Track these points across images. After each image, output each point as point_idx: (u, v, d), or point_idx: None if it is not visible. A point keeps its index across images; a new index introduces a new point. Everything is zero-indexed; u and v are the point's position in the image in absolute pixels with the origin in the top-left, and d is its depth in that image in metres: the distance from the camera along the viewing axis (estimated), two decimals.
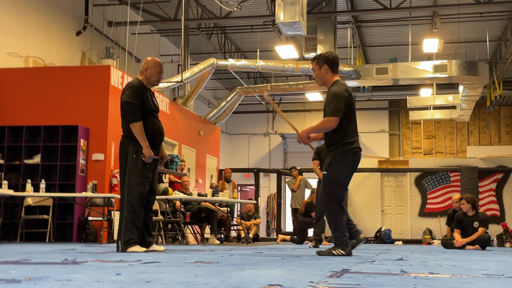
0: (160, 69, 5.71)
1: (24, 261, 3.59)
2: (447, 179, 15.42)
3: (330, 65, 5.30)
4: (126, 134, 5.52)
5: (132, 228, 5.34)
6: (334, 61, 5.33)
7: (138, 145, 5.42)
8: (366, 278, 2.54)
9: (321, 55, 5.40)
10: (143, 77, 5.67)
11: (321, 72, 5.32)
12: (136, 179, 5.39)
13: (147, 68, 5.67)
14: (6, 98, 10.87)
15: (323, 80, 5.34)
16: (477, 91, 15.04)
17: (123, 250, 5.30)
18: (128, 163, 5.42)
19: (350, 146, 5.07)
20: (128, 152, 5.44)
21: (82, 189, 10.28)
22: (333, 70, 5.31)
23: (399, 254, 6.03)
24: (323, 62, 5.31)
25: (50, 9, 12.51)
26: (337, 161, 5.08)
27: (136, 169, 5.40)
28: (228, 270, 2.87)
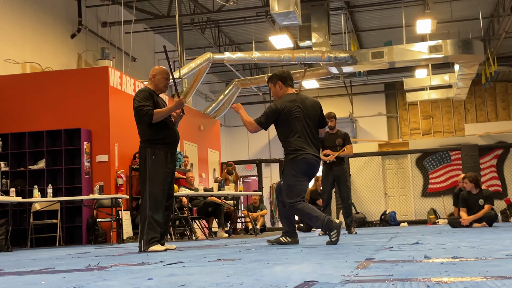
0: (167, 75, 5.87)
1: (48, 269, 3.63)
2: (448, 158, 15.50)
3: (283, 81, 5.72)
4: (143, 139, 5.68)
5: (154, 227, 5.49)
6: (286, 77, 5.77)
7: (156, 148, 5.58)
8: (394, 267, 2.59)
9: (274, 74, 5.85)
10: (152, 84, 5.83)
11: (276, 89, 5.76)
12: (156, 180, 5.54)
13: (154, 75, 5.82)
14: (7, 105, 10.89)
15: (278, 96, 5.76)
16: (473, 69, 15.09)
17: (145, 249, 5.44)
18: (147, 165, 5.56)
19: (294, 155, 5.49)
20: (146, 155, 5.59)
21: (88, 191, 10.33)
22: (286, 85, 5.73)
23: (411, 237, 6.10)
24: (276, 79, 5.75)
25: (44, 13, 12.49)
26: (286, 169, 5.57)
27: (156, 171, 5.55)
28: (256, 267, 2.92)
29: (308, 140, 5.53)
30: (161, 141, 5.63)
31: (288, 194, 5.46)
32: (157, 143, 5.61)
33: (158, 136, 5.62)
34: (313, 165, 5.53)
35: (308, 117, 5.58)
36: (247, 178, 22.64)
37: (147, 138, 5.63)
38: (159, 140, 5.63)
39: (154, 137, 5.61)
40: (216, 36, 17.24)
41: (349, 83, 21.62)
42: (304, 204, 5.41)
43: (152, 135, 5.61)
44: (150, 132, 5.61)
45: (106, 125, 10.63)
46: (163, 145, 5.64)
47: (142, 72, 15.92)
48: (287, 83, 5.72)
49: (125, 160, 11.05)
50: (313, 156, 5.52)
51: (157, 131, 5.62)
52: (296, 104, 5.56)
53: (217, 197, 11.17)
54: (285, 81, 5.72)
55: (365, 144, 18.67)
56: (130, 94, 11.48)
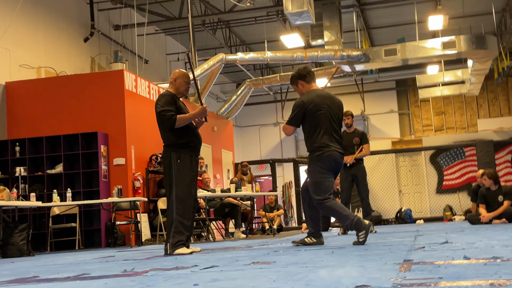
0: (188, 79, 5.89)
1: (85, 275, 3.65)
2: (462, 154, 15.45)
3: (303, 78, 5.73)
4: (167, 143, 5.70)
5: (180, 231, 5.52)
6: (306, 74, 5.75)
7: (180, 152, 5.61)
8: (438, 269, 2.60)
9: (293, 76, 5.82)
10: (173, 88, 5.85)
11: (299, 88, 5.77)
12: (183, 183, 5.57)
13: (175, 78, 5.84)
14: (24, 110, 10.96)
15: (304, 94, 5.74)
16: (486, 64, 15.03)
17: (171, 252, 5.46)
18: (173, 169, 5.59)
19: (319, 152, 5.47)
20: (171, 159, 5.62)
21: (106, 194, 10.38)
22: (307, 81, 5.73)
23: (436, 235, 6.09)
24: (297, 79, 5.76)
25: (57, 18, 12.55)
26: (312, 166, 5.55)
27: (182, 174, 5.58)
28: (297, 271, 2.93)
29: (332, 137, 5.51)
30: (185, 145, 5.66)
31: (316, 191, 5.44)
32: (181, 147, 5.64)
33: (182, 140, 5.65)
34: (338, 161, 5.53)
35: (334, 114, 5.56)
36: (260, 178, 22.64)
37: (172, 143, 5.65)
38: (183, 144, 5.65)
39: (178, 141, 5.64)
40: (227, 37, 17.26)
41: (360, 81, 21.58)
42: (334, 202, 5.41)
43: (176, 139, 5.64)
44: (174, 136, 5.64)
45: (123, 128, 10.67)
46: (187, 149, 5.67)
47: (155, 74, 15.97)
48: (307, 80, 5.71)
49: (141, 163, 11.09)
50: (338, 152, 5.51)
51: (181, 135, 5.65)
52: (323, 100, 5.54)
53: (233, 198, 11.19)
54: (305, 78, 5.71)
55: (378, 141, 18.61)
56: (145, 97, 11.52)
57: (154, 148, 11.46)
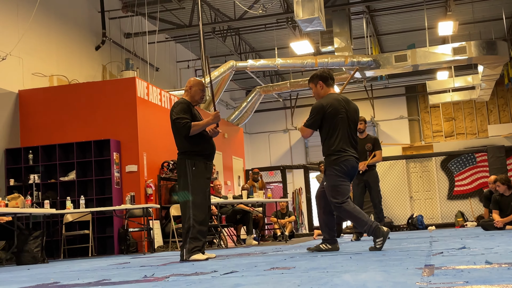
0: (203, 87, 5.94)
1: (106, 281, 3.68)
2: (473, 160, 15.39)
3: (324, 81, 5.72)
4: (182, 151, 5.74)
5: (197, 237, 5.55)
6: (327, 76, 5.76)
7: (195, 159, 5.66)
8: (462, 273, 2.60)
9: (314, 74, 5.81)
10: (188, 96, 5.88)
11: (317, 89, 5.75)
12: (198, 190, 5.62)
13: (191, 86, 5.88)
14: (36, 118, 11.03)
15: (319, 96, 5.76)
16: (497, 70, 15.01)
17: (187, 258, 5.49)
18: (188, 177, 5.62)
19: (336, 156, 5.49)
20: (186, 166, 5.65)
21: (119, 201, 10.42)
22: (327, 85, 5.73)
23: (451, 241, 6.08)
24: (317, 79, 5.74)
25: (69, 27, 12.65)
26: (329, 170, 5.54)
27: (197, 181, 5.62)
28: (320, 276, 2.94)
29: (349, 142, 5.54)
30: (200, 153, 5.70)
31: (334, 194, 5.44)
32: (196, 155, 5.68)
33: (197, 148, 5.68)
34: (354, 167, 5.55)
35: (351, 119, 5.59)
36: (270, 185, 22.65)
37: (187, 150, 5.68)
38: (198, 152, 5.69)
39: (193, 149, 5.68)
40: (237, 44, 17.32)
41: (369, 87, 21.59)
42: (353, 205, 5.43)
43: (191, 147, 5.67)
44: (189, 144, 5.67)
45: (135, 135, 10.72)
46: (201, 156, 5.71)
47: (165, 82, 16.04)
48: (328, 83, 5.71)
49: (153, 170, 11.13)
50: (354, 157, 5.54)
51: (196, 143, 5.68)
52: (341, 104, 5.56)
53: (245, 205, 11.20)
54: (326, 80, 5.71)
55: (388, 147, 18.59)
56: (157, 104, 11.57)
57: (166, 155, 11.50)
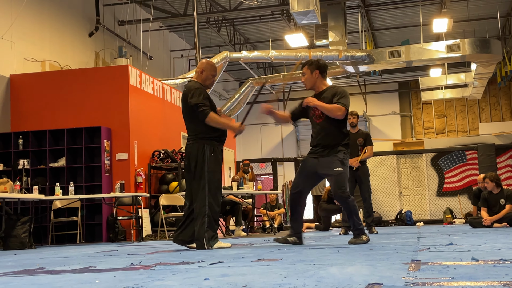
0: (215, 73, 5.80)
1: (92, 268, 3.67)
2: (463, 157, 15.44)
3: (321, 71, 5.66)
4: (199, 135, 5.58)
5: (213, 225, 5.51)
6: (325, 68, 5.73)
7: (214, 144, 5.56)
8: (448, 269, 2.61)
9: (313, 61, 5.75)
10: (199, 79, 5.72)
11: (312, 76, 5.67)
12: (215, 177, 5.55)
13: (203, 70, 5.73)
14: (27, 103, 10.97)
15: (312, 83, 5.69)
16: (490, 68, 15.05)
17: (208, 247, 5.40)
18: (206, 163, 5.51)
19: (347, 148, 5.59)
20: (205, 152, 5.52)
21: (108, 189, 10.39)
22: (323, 76, 5.70)
23: (438, 237, 6.11)
24: (315, 67, 5.66)
25: (63, 12, 12.56)
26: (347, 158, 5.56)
27: (214, 168, 5.54)
28: (307, 268, 2.95)
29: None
30: (217, 138, 5.62)
31: (345, 185, 5.46)
32: (214, 140, 5.58)
33: (215, 133, 5.58)
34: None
35: None
36: (260, 177, 22.67)
37: (205, 135, 5.55)
38: (216, 137, 5.60)
39: (212, 134, 5.57)
40: (231, 35, 17.27)
41: (363, 82, 21.60)
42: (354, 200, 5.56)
43: (210, 132, 5.56)
44: (207, 128, 5.54)
45: (126, 123, 10.69)
46: (219, 142, 5.64)
47: (158, 70, 15.98)
48: (324, 75, 5.70)
49: (144, 159, 11.11)
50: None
51: (214, 128, 5.56)
52: None
53: (234, 196, 11.20)
54: (324, 71, 5.69)
55: (379, 143, 18.62)
56: (149, 93, 11.53)
57: (157, 144, 11.48)
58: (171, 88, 12.54)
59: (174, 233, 5.89)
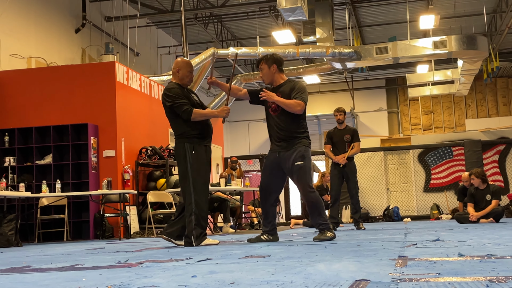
0: (191, 68, 5.83)
1: (79, 266, 3.65)
2: (450, 153, 15.54)
3: (278, 65, 5.72)
4: (179, 134, 5.63)
5: (200, 222, 5.51)
6: (281, 62, 5.81)
7: (194, 142, 5.58)
8: (434, 265, 2.62)
9: (269, 56, 5.80)
10: (177, 79, 5.77)
11: (270, 71, 5.71)
12: (199, 175, 5.55)
13: (178, 69, 5.76)
14: (13, 100, 10.89)
15: (271, 78, 5.75)
16: (476, 64, 15.14)
17: (197, 244, 5.44)
18: (188, 161, 5.54)
19: (308, 140, 5.70)
20: (186, 150, 5.56)
21: (95, 186, 10.34)
22: (280, 70, 5.75)
23: (425, 233, 6.14)
24: (272, 62, 5.71)
25: (49, 8, 12.47)
26: (308, 151, 5.62)
27: (197, 166, 5.55)
28: (294, 264, 2.95)
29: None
30: (198, 136, 5.62)
31: (309, 178, 5.52)
32: (194, 138, 5.59)
33: (195, 131, 5.59)
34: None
35: None
36: (248, 173, 22.66)
37: (185, 134, 5.58)
38: (196, 135, 5.61)
39: (191, 131, 5.58)
40: (219, 31, 17.23)
41: (350, 78, 21.65)
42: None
43: (190, 130, 5.58)
44: (187, 127, 5.57)
45: (113, 120, 10.63)
46: (201, 139, 5.63)
47: (146, 67, 15.92)
48: (280, 68, 5.77)
49: (131, 155, 11.07)
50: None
51: (194, 126, 5.58)
52: None
53: (222, 192, 11.19)
54: (280, 65, 5.76)
55: (367, 139, 18.68)
56: (136, 90, 11.49)
57: (144, 141, 11.44)
58: (158, 85, 12.49)
59: (166, 225, 5.94)
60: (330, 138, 9.14)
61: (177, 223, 5.71)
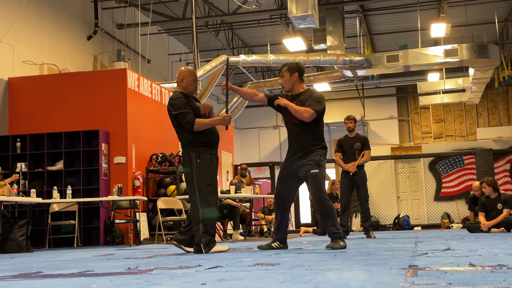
0: (195, 77, 5.87)
1: (89, 272, 3.66)
2: (461, 162, 15.46)
3: (300, 74, 5.73)
4: (186, 143, 5.67)
5: (208, 230, 5.52)
6: (303, 72, 5.83)
7: (200, 151, 5.60)
8: (445, 275, 2.61)
9: (292, 64, 5.82)
10: (181, 88, 5.81)
11: (291, 79, 5.70)
12: (205, 183, 5.56)
13: (182, 78, 5.80)
14: (25, 106, 10.97)
15: (291, 86, 5.72)
16: (487, 73, 15.08)
17: (206, 251, 5.46)
18: (194, 170, 5.57)
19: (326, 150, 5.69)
20: (191, 159, 5.58)
21: (106, 192, 10.38)
22: (301, 79, 5.75)
23: (436, 242, 6.11)
24: (294, 70, 5.72)
25: (61, 15, 12.57)
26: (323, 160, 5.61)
27: (203, 174, 5.57)
28: (304, 273, 2.95)
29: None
30: (204, 144, 5.64)
31: (324, 186, 5.53)
32: (200, 146, 5.61)
33: (201, 139, 5.62)
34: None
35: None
36: (258, 180, 22.66)
37: (190, 142, 5.62)
38: (202, 143, 5.63)
39: (197, 140, 5.61)
40: (229, 39, 17.28)
41: (361, 86, 21.63)
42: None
43: (195, 139, 5.61)
44: (192, 136, 5.60)
45: (124, 127, 10.68)
46: (206, 147, 5.65)
47: (157, 74, 15.99)
48: (302, 78, 5.77)
49: (142, 162, 11.10)
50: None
51: (199, 134, 5.61)
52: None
53: (232, 200, 11.20)
54: (302, 74, 5.76)
55: (377, 147, 18.64)
56: (147, 96, 11.54)
57: (154, 148, 11.48)
58: (169, 92, 12.54)
59: (176, 232, 5.97)
60: (340, 146, 9.13)
61: (188, 231, 5.74)
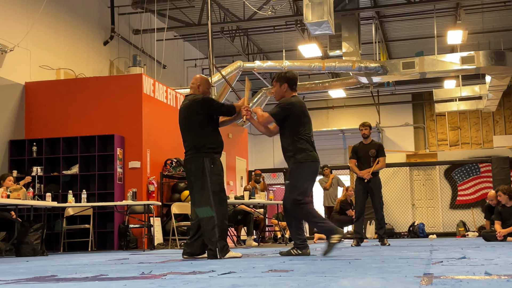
0: (210, 86, 6.01)
1: (103, 276, 3.67)
2: (477, 170, 15.33)
3: (290, 84, 5.71)
4: (198, 149, 5.63)
5: (223, 235, 5.56)
6: (294, 81, 5.78)
7: (212, 156, 5.63)
8: (460, 283, 2.58)
9: (282, 75, 5.81)
10: (198, 93, 5.86)
11: (281, 89, 5.74)
12: (218, 188, 5.59)
13: (199, 85, 5.88)
14: (42, 110, 11.05)
15: (281, 96, 5.78)
16: (504, 80, 14.96)
17: (221, 256, 5.47)
18: (206, 175, 5.57)
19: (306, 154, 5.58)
20: (204, 165, 5.57)
21: (120, 197, 10.42)
22: (292, 89, 5.73)
23: (451, 250, 6.05)
24: (284, 81, 5.72)
25: (78, 21, 12.67)
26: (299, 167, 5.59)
27: (217, 179, 5.60)
28: (318, 280, 2.93)
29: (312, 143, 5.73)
30: (215, 150, 5.68)
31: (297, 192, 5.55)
32: (212, 152, 5.64)
33: (213, 145, 5.66)
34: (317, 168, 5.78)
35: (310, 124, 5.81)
36: (272, 186, 22.62)
37: (203, 147, 5.62)
38: (213, 148, 5.66)
39: (210, 145, 5.64)
40: (245, 45, 17.32)
41: (376, 93, 21.56)
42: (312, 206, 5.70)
43: (208, 144, 5.63)
44: (206, 141, 5.63)
45: (139, 131, 10.73)
46: (216, 154, 5.70)
47: (172, 79, 16.06)
48: (293, 88, 5.75)
49: (156, 167, 11.13)
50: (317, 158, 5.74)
51: (212, 140, 5.66)
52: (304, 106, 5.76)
53: (246, 205, 11.19)
54: (292, 85, 5.74)
55: (392, 154, 18.56)
56: (163, 102, 11.58)
57: (169, 153, 11.50)
58: (183, 97, 12.58)
59: (184, 246, 5.94)
60: (355, 152, 9.09)
61: (195, 241, 5.76)
